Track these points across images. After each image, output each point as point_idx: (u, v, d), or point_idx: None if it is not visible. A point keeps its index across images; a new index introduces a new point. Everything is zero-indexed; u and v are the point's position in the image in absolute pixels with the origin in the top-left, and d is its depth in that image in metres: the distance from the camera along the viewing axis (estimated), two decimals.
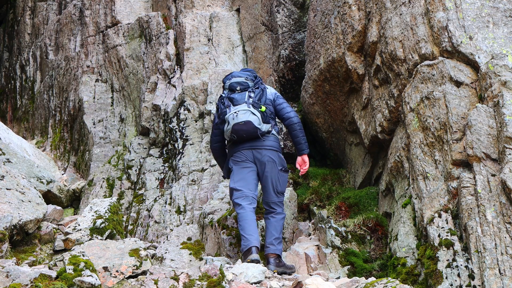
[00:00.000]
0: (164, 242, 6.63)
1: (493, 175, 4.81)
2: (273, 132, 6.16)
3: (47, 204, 5.92)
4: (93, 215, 5.82)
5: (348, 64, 6.84)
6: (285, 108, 6.26)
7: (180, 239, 6.69)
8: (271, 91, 6.34)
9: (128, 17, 11.13)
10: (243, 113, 5.95)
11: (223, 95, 6.20)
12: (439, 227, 5.03)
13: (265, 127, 6.03)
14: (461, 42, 5.38)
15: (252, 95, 6.09)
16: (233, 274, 4.91)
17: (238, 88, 6.13)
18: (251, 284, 4.83)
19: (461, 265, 4.70)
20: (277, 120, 6.45)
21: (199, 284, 4.64)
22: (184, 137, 8.70)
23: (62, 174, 10.25)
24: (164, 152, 8.95)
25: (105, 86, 10.83)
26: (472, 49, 5.33)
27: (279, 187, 6.05)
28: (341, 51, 6.91)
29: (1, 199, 5.26)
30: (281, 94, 7.52)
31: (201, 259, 6.17)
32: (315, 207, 7.09)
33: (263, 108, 6.05)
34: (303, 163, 6.30)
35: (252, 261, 5.42)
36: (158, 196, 8.31)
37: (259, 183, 6.14)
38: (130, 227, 8.14)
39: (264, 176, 6.02)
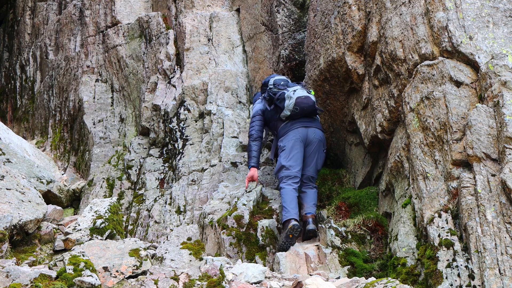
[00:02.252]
0: (164, 242, 6.62)
1: (493, 175, 4.80)
2: (317, 116, 7.03)
3: (47, 204, 5.91)
4: (93, 215, 5.81)
5: (348, 64, 6.84)
6: None
7: (180, 239, 6.68)
8: None
9: (128, 17, 11.13)
10: (301, 91, 6.81)
11: (271, 87, 7.01)
12: (439, 227, 5.02)
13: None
14: (461, 42, 5.38)
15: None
16: (233, 274, 4.91)
17: (282, 83, 7.01)
18: (251, 284, 4.83)
19: (461, 265, 4.70)
20: None
21: (199, 284, 4.64)
22: (184, 137, 8.70)
23: (62, 174, 10.24)
24: (164, 152, 8.94)
25: (105, 86, 10.82)
26: (472, 49, 5.33)
27: (319, 165, 6.83)
28: (341, 51, 6.91)
29: (1, 199, 5.26)
30: None
31: (201, 259, 6.16)
32: None
33: (313, 92, 6.96)
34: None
35: (293, 226, 6.09)
36: (158, 196, 8.30)
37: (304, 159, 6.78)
38: (130, 227, 8.13)
39: (312, 153, 6.73)
